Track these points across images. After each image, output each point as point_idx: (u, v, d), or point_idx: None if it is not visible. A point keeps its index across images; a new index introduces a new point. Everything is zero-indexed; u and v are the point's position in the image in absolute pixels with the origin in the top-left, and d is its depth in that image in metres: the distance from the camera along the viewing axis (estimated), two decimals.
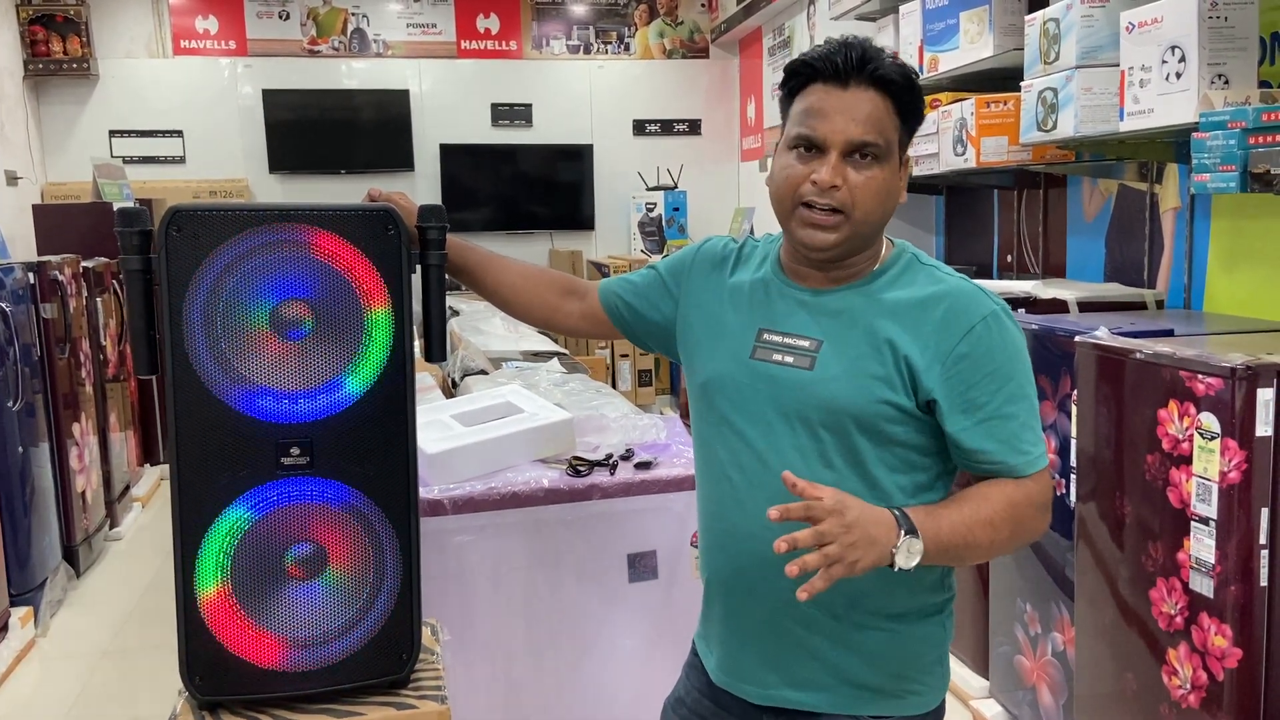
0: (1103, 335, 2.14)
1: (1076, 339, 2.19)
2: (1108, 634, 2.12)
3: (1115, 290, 2.84)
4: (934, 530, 1.15)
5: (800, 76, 1.25)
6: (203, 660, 1.36)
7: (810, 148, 1.23)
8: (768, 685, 1.31)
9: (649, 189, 7.06)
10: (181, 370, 1.31)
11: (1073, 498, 2.32)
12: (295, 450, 1.35)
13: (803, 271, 1.30)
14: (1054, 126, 2.60)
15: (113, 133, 6.51)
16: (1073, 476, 2.30)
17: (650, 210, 6.97)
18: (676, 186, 7.09)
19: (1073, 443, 2.29)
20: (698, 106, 7.30)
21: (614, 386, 6.50)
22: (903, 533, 1.13)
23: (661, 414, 6.63)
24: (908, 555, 1.13)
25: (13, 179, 5.74)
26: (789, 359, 1.26)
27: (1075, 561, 2.24)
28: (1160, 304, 2.78)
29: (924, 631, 1.30)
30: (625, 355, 6.63)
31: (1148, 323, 2.40)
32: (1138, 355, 2.00)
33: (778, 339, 1.28)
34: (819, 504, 1.10)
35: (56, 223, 5.30)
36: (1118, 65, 2.41)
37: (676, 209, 6.96)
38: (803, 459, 1.25)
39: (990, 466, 1.23)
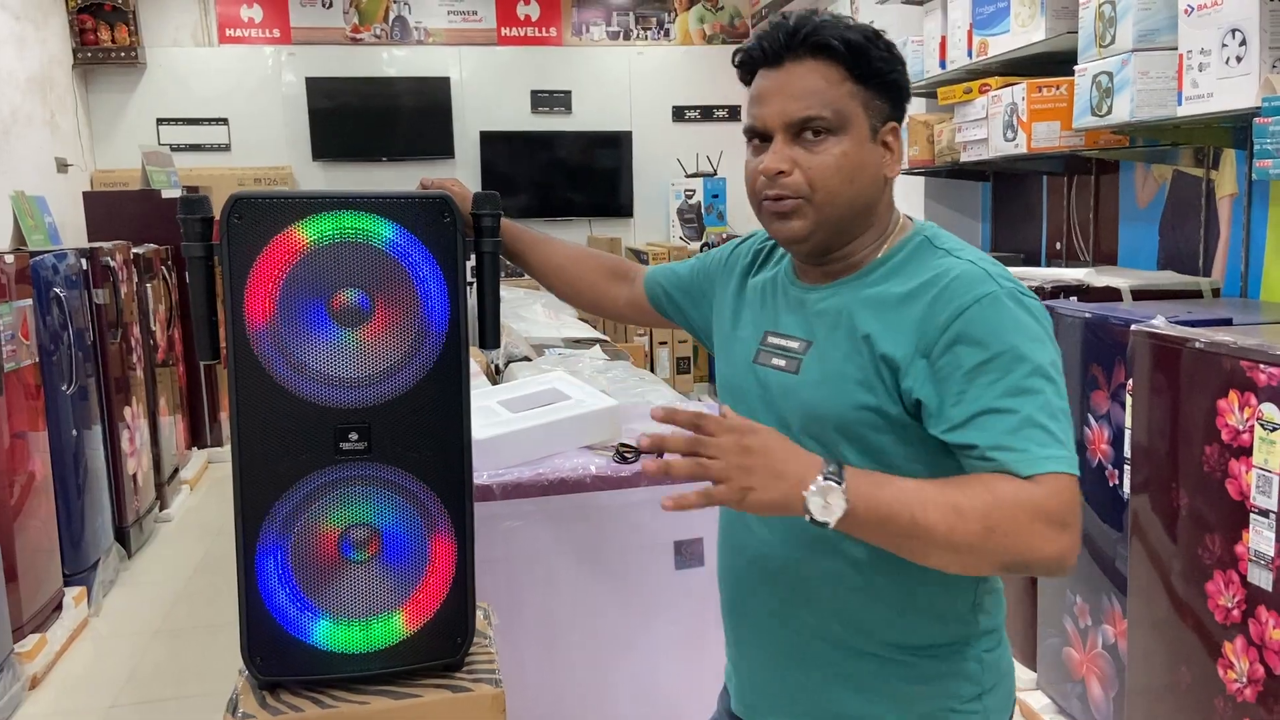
0: (1160, 324, 2.10)
1: (1132, 328, 2.16)
2: (1161, 627, 2.09)
3: (1170, 278, 2.79)
4: (869, 490, 0.96)
5: (745, 69, 1.17)
6: (263, 642, 1.38)
7: (760, 138, 1.14)
8: (785, 715, 1.21)
9: (688, 176, 7.04)
10: (243, 356, 1.33)
11: (1126, 489, 2.29)
12: (354, 435, 1.36)
13: (804, 269, 1.20)
14: (1109, 111, 2.56)
15: (160, 120, 6.60)
16: (1126, 468, 2.27)
17: (689, 197, 6.95)
18: (716, 173, 7.07)
19: (1127, 433, 2.26)
20: (738, 93, 7.21)
21: (653, 371, 6.50)
22: (824, 477, 0.95)
23: (701, 400, 6.62)
24: (823, 506, 0.94)
25: (63, 166, 5.84)
26: (780, 362, 1.17)
27: (1128, 553, 2.21)
28: (1216, 292, 2.72)
29: (956, 666, 1.13)
30: (664, 343, 6.63)
31: (1204, 311, 2.35)
32: (1196, 344, 1.96)
33: (777, 342, 1.19)
34: (717, 419, 0.97)
35: (106, 209, 5.40)
36: (1175, 49, 2.36)
37: (716, 196, 6.93)
38: None
39: (983, 464, 1.01)
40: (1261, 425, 1.79)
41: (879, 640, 1.13)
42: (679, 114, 7.23)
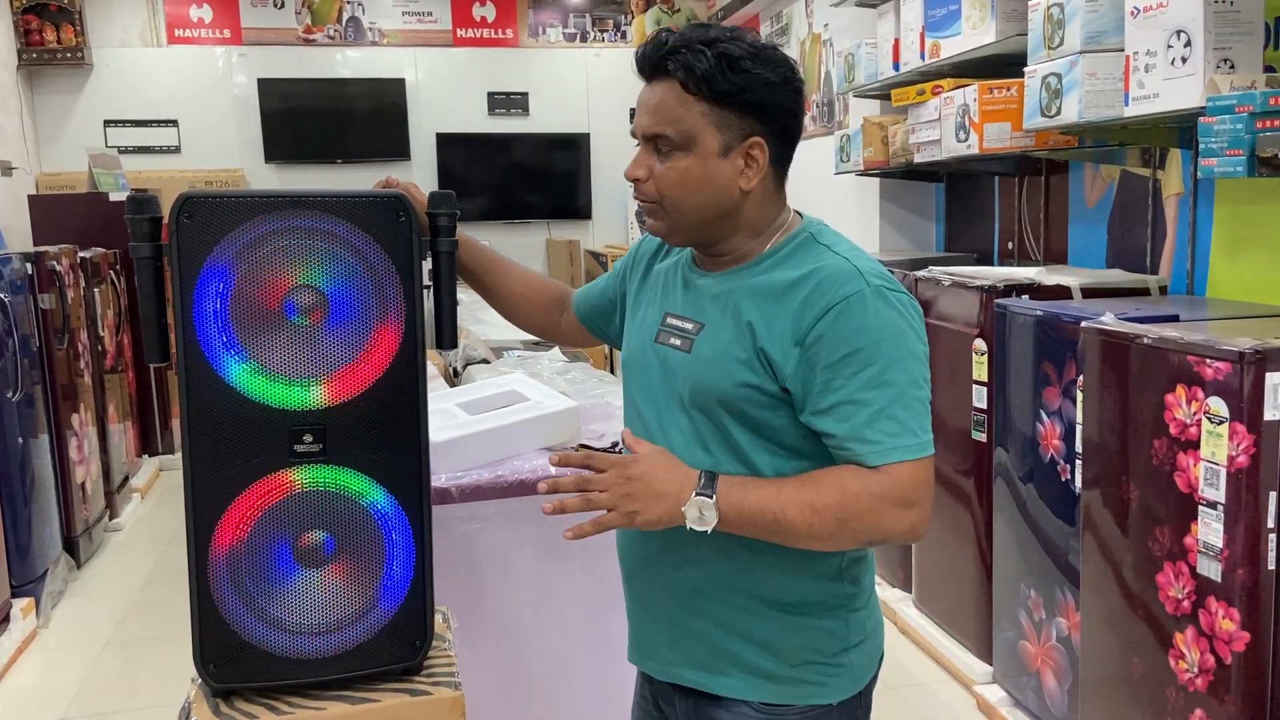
0: (1108, 321, 2.14)
1: (1082, 324, 2.20)
2: (1113, 619, 2.13)
3: (1118, 276, 2.85)
4: (738, 499, 1.14)
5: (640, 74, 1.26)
6: (216, 648, 1.35)
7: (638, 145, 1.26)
8: (667, 663, 1.33)
9: None
10: (193, 358, 1.31)
11: (1078, 484, 2.33)
12: (308, 438, 1.34)
13: (700, 257, 1.32)
14: (1058, 112, 2.60)
15: (108, 122, 6.48)
16: (1078, 463, 2.31)
17: None
18: None
19: (1078, 429, 2.30)
20: None
21: (612, 374, 6.49)
22: (696, 493, 1.13)
23: None
24: (698, 517, 1.13)
25: (7, 169, 5.71)
26: (676, 341, 1.28)
27: (1080, 547, 2.25)
28: (1164, 290, 2.78)
29: (823, 624, 1.26)
30: None
31: (1152, 308, 2.40)
32: (1144, 340, 2.00)
33: (675, 322, 1.29)
34: (603, 457, 1.15)
35: (52, 213, 5.28)
36: (1122, 50, 2.41)
37: None
38: (684, 440, 1.25)
39: (840, 453, 1.16)
40: (1209, 419, 1.83)
41: (759, 597, 1.25)
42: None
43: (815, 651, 1.26)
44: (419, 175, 6.79)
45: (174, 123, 6.59)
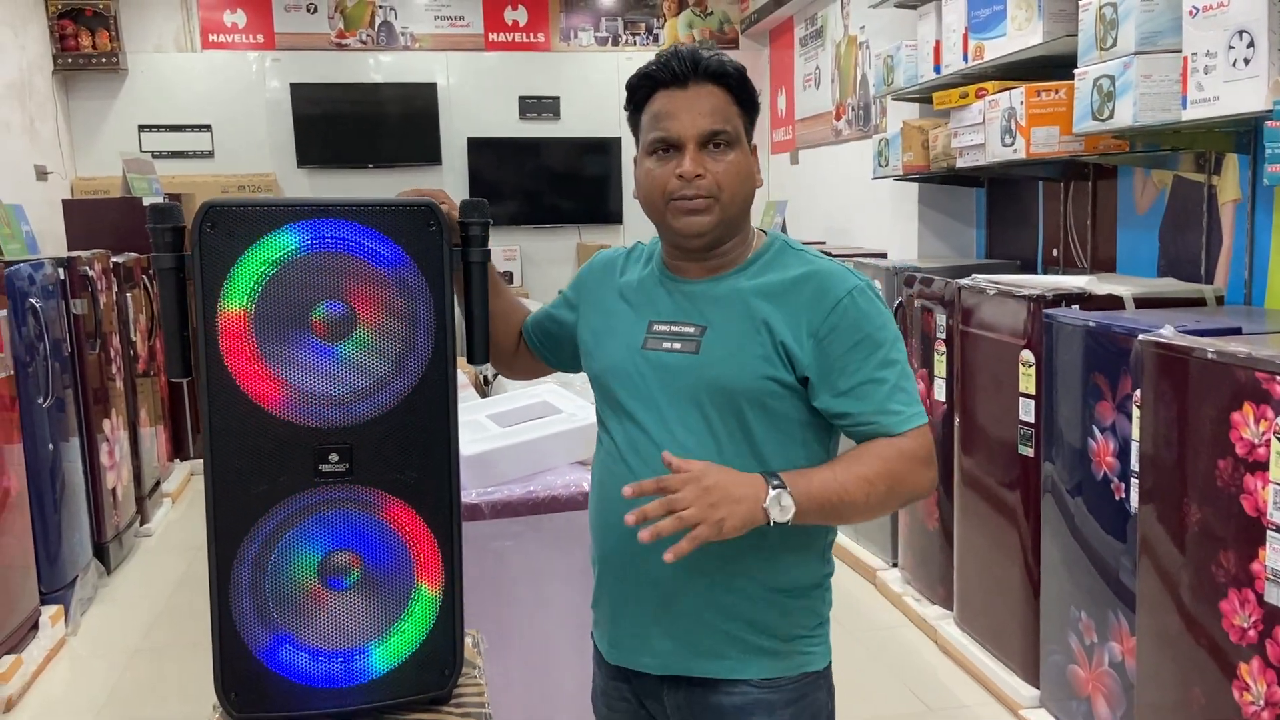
0: (1168, 334, 2.04)
1: (1140, 337, 2.10)
2: (1172, 646, 2.03)
3: (1171, 285, 2.74)
4: (805, 486, 1.23)
5: (643, 89, 1.36)
6: (238, 675, 1.30)
7: (668, 148, 1.33)
8: (664, 656, 1.37)
9: None
10: (216, 373, 1.25)
11: (1133, 503, 2.23)
12: (334, 456, 1.29)
13: (683, 266, 1.39)
14: (1110, 115, 2.51)
15: (142, 127, 6.50)
16: (1133, 481, 2.21)
17: None
18: None
19: (1133, 445, 2.20)
20: None
21: None
22: (771, 488, 1.20)
23: None
24: (780, 509, 1.20)
25: (42, 174, 5.74)
26: (676, 345, 1.34)
27: (1137, 570, 2.15)
28: (1220, 300, 2.67)
29: (808, 603, 1.38)
30: None
31: (1211, 320, 2.30)
32: (1207, 355, 1.90)
33: (666, 328, 1.36)
34: (676, 476, 1.19)
35: (86, 218, 5.30)
36: (1180, 51, 2.31)
37: None
38: (695, 439, 1.31)
39: (866, 428, 1.30)
40: (1279, 439, 1.73)
41: (757, 582, 1.34)
42: None
43: (802, 626, 1.37)
44: (450, 179, 6.76)
45: (207, 128, 6.60)
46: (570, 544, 1.98)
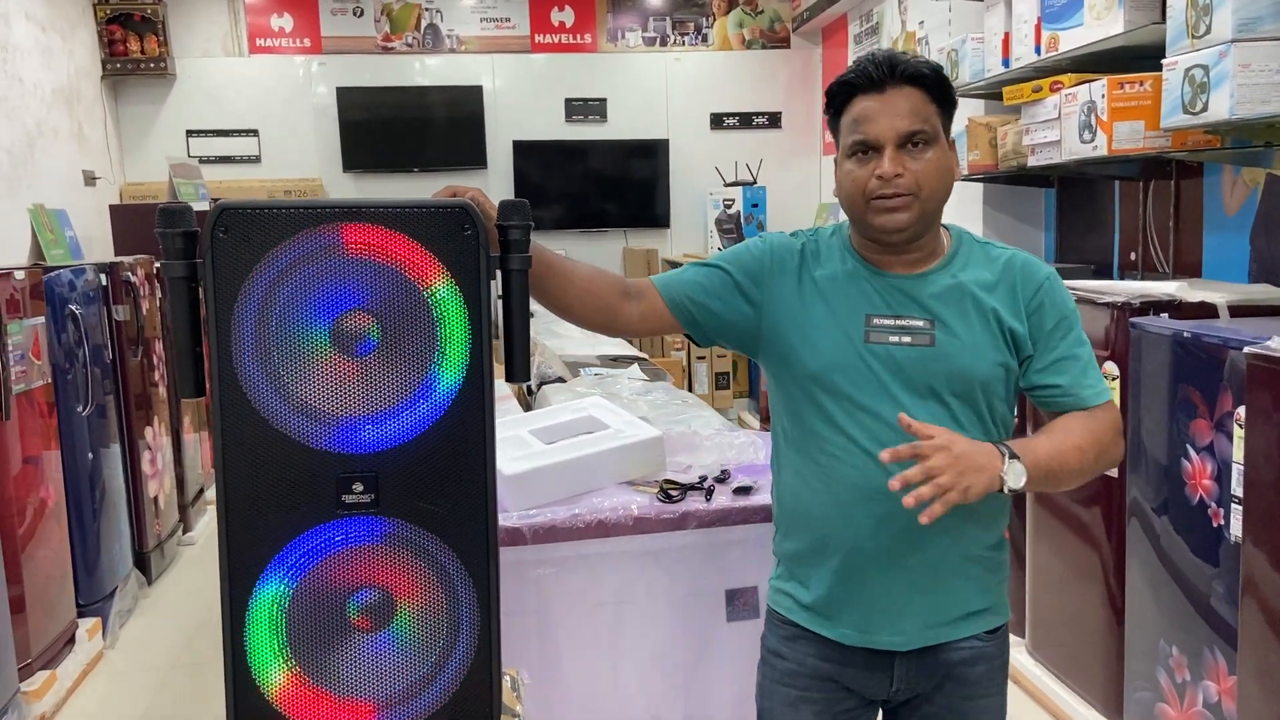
0: (1276, 346, 1.85)
1: (1245, 350, 1.91)
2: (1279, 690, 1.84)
3: (1269, 292, 2.53)
4: (1032, 455, 1.33)
5: (842, 95, 1.41)
6: None
7: (867, 150, 1.38)
8: (908, 632, 1.44)
9: (726, 185, 6.82)
10: (230, 393, 1.13)
11: (1232, 530, 2.04)
12: (358, 486, 1.16)
13: (884, 260, 1.44)
14: (1204, 108, 2.31)
15: (189, 132, 6.50)
16: (1233, 506, 2.02)
17: (728, 207, 6.74)
18: (755, 182, 6.84)
19: (1234, 468, 2.01)
20: (778, 99, 7.03)
21: (690, 389, 6.28)
22: (1007, 458, 1.30)
23: (740, 419, 6.38)
24: (1016, 477, 1.30)
25: (91, 179, 5.75)
26: (906, 339, 1.40)
27: (1240, 605, 1.96)
28: None
29: (1004, 557, 1.51)
30: (702, 358, 6.41)
31: None
32: None
33: (889, 322, 1.41)
34: (928, 442, 1.26)
35: (133, 223, 5.28)
36: None
37: (755, 205, 6.71)
38: (936, 424, 1.34)
39: (1066, 400, 1.41)
40: None
41: (981, 542, 1.45)
42: (717, 121, 7.02)
43: (1004, 579, 1.51)
44: (495, 183, 6.67)
45: (254, 132, 6.58)
46: (616, 571, 1.84)
